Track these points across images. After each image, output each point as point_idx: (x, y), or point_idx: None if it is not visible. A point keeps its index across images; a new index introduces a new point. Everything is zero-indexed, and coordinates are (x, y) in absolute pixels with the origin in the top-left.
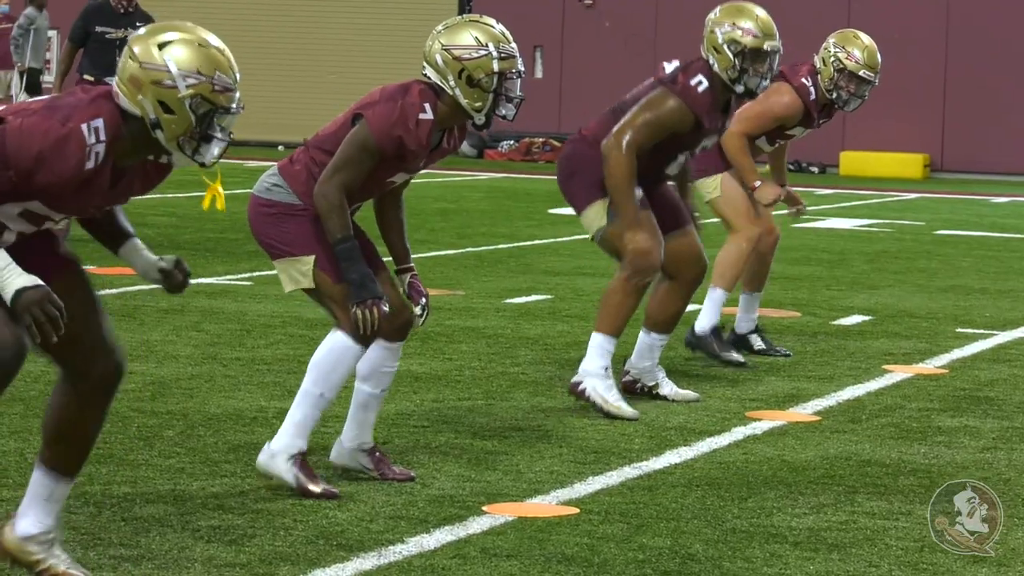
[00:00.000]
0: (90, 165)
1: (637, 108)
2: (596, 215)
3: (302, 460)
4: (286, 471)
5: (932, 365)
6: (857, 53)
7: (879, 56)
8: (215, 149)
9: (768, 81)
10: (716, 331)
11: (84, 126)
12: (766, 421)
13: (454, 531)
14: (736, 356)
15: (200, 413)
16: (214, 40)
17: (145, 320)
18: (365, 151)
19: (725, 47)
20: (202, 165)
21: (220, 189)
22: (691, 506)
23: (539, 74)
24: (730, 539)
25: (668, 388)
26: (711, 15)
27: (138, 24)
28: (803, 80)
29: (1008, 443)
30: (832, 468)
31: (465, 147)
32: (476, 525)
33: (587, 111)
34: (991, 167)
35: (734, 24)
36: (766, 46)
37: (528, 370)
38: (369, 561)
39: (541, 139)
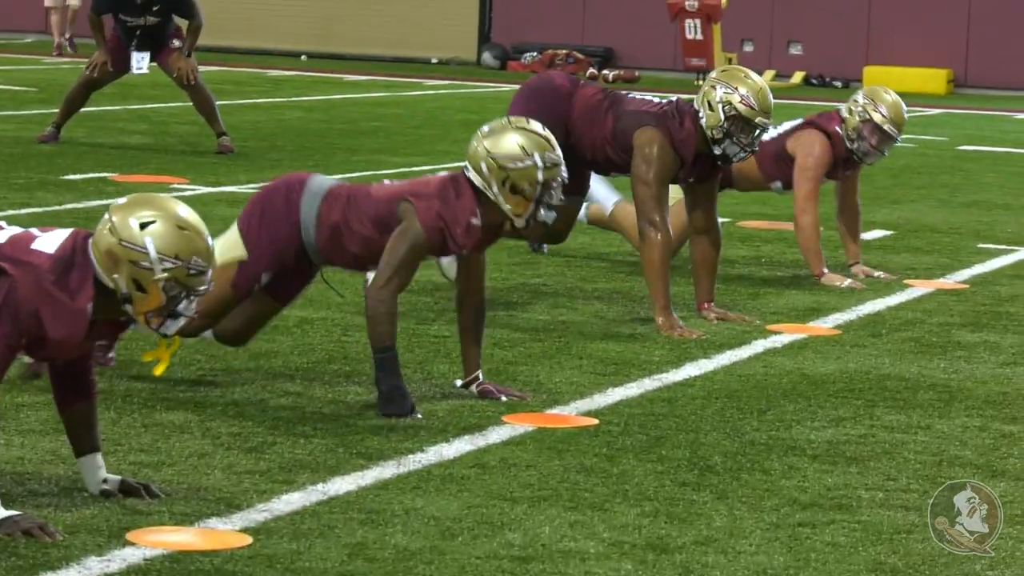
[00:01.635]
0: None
1: (639, 161)
2: None
3: None
4: None
5: (953, 280)
6: (884, 108)
7: (905, 114)
8: (180, 323)
9: (745, 155)
10: None
11: (89, 305)
12: (786, 334)
13: (473, 441)
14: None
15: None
16: (192, 219)
17: None
18: (418, 251)
19: (719, 106)
20: (164, 336)
21: (169, 356)
22: (710, 418)
23: None
24: (749, 451)
25: None
26: (715, 72)
27: (156, 9)
28: (836, 128)
29: None
30: (851, 382)
31: (488, 58)
32: (495, 435)
33: (610, 23)
34: (1015, 83)
35: (735, 88)
36: (758, 120)
37: (549, 281)
38: (388, 469)
39: (564, 51)
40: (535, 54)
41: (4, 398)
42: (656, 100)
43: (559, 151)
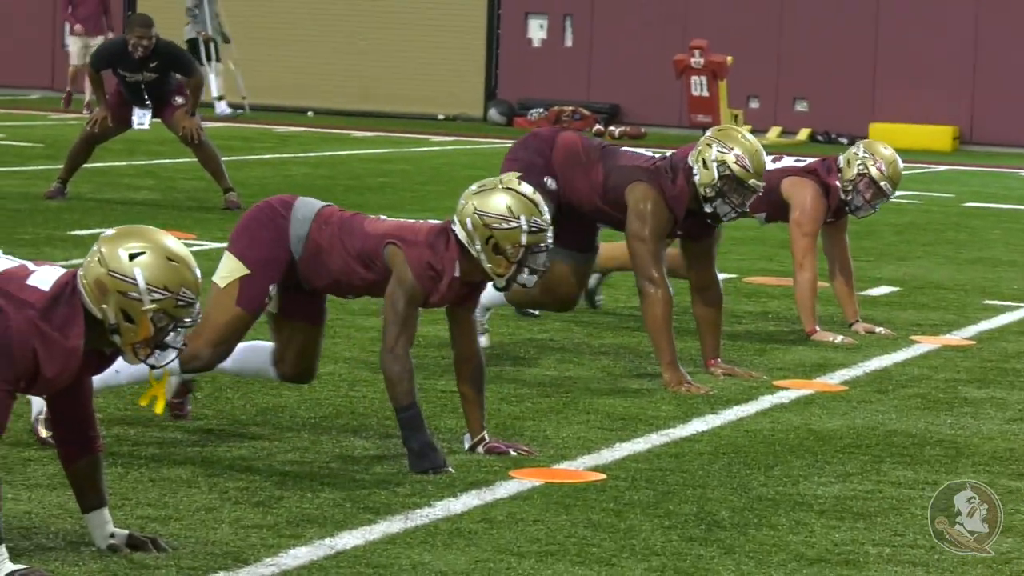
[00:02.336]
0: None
1: (634, 218)
2: None
3: None
4: None
5: (959, 336)
6: (883, 164)
7: (901, 171)
8: (169, 355)
9: (735, 215)
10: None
11: (80, 343)
12: (793, 390)
13: (481, 495)
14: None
15: (228, 375)
16: (181, 251)
17: None
18: (415, 301)
19: (714, 165)
20: (152, 367)
21: (163, 391)
22: (717, 473)
23: (569, 43)
24: (756, 507)
25: None
26: (712, 130)
27: (153, 66)
28: (836, 183)
29: None
30: (858, 437)
31: (494, 114)
32: (503, 490)
33: (616, 79)
34: (1021, 140)
35: (731, 148)
36: (751, 182)
37: (556, 336)
38: (396, 524)
39: (570, 107)
40: (541, 110)
41: (11, 453)
42: (649, 155)
43: (548, 216)
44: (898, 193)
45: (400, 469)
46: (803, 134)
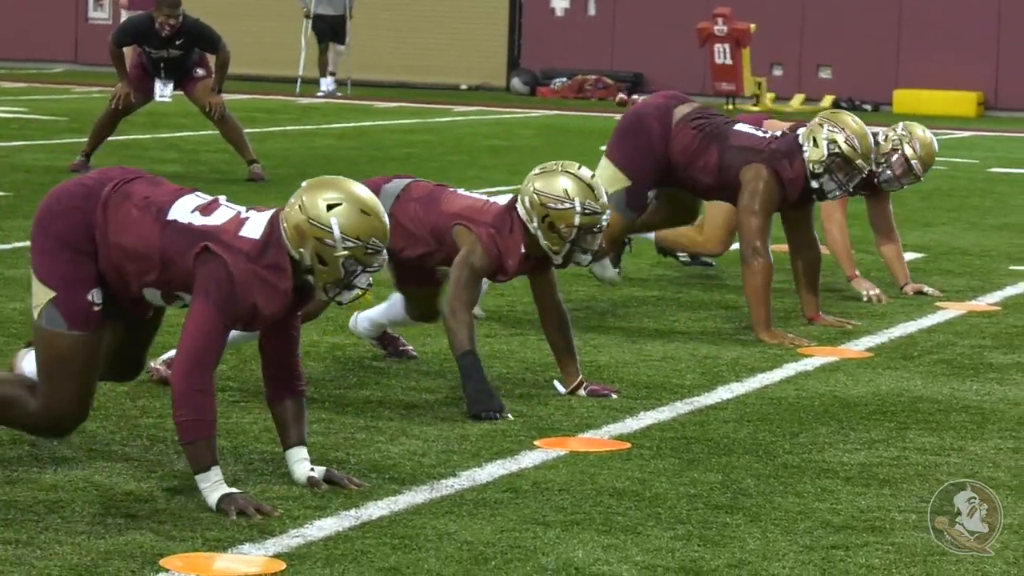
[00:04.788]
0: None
1: (748, 193)
2: None
3: None
4: None
5: (984, 302)
6: (918, 145)
7: (935, 156)
8: (354, 294)
9: (840, 193)
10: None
11: (290, 285)
12: (818, 357)
13: (506, 465)
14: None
15: (252, 346)
16: (374, 203)
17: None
18: (480, 273)
19: (824, 143)
20: (339, 304)
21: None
22: (743, 441)
23: (592, 11)
24: (781, 474)
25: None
26: (824, 112)
27: (179, 43)
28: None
29: None
30: (884, 404)
31: (517, 84)
32: (528, 459)
33: (639, 48)
34: None
35: (842, 129)
36: (858, 162)
37: (580, 306)
38: (421, 494)
39: (594, 76)
40: (564, 80)
41: None
42: (760, 134)
43: (604, 200)
44: None
45: (425, 440)
46: (827, 101)
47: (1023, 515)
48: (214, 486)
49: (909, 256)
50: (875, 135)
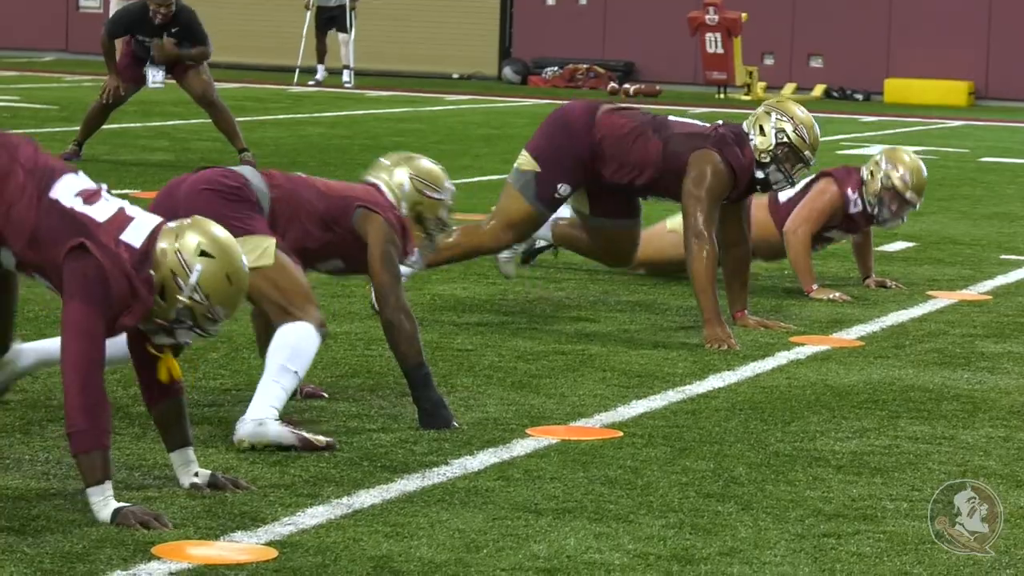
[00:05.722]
0: None
1: (694, 176)
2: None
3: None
4: (283, 432)
5: (976, 291)
6: (906, 174)
7: (925, 178)
8: (165, 341)
9: (785, 184)
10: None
11: (152, 299)
12: (810, 346)
13: (498, 453)
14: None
15: (245, 336)
16: (243, 276)
17: None
18: (397, 257)
19: (772, 132)
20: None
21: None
22: (734, 430)
23: (583, 0)
24: (773, 462)
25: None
26: (771, 100)
27: (174, 31)
28: (848, 192)
29: None
30: (875, 393)
31: (509, 73)
32: (520, 447)
33: (630, 37)
34: None
35: (790, 118)
36: (806, 153)
37: (572, 295)
38: (413, 483)
39: (585, 66)
40: (556, 69)
41: (28, 414)
42: (700, 124)
43: (450, 190)
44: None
45: (417, 428)
46: (818, 90)
47: (1014, 503)
48: (106, 500)
49: (900, 246)
50: (858, 170)
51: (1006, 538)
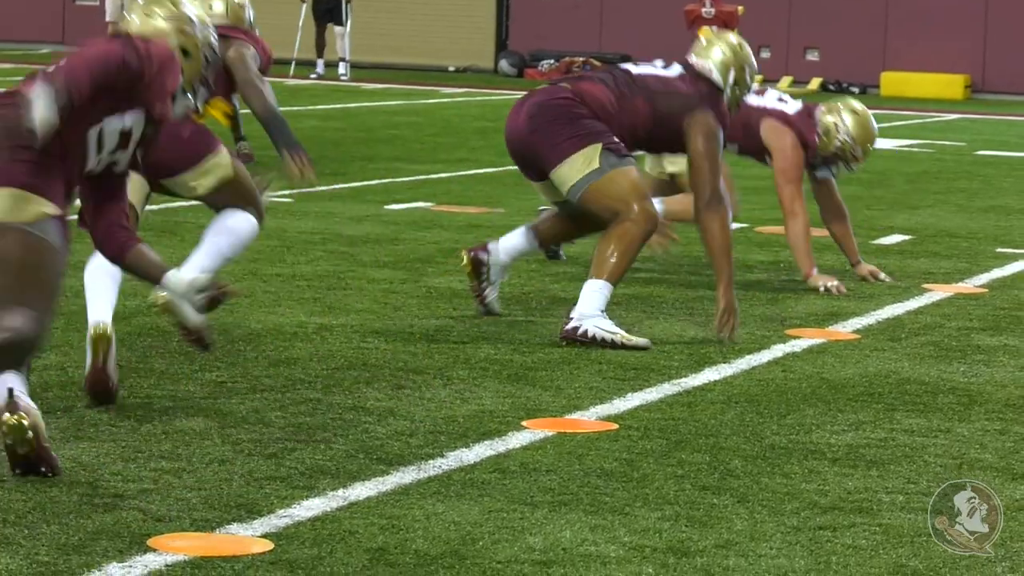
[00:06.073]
0: None
1: (704, 139)
2: (575, 169)
3: None
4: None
5: (972, 284)
6: (852, 125)
7: (875, 129)
8: (188, 102)
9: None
10: None
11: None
12: (806, 339)
13: (493, 446)
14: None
15: (241, 328)
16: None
17: (186, 236)
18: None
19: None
20: (198, 113)
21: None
22: (730, 422)
23: None
24: (769, 455)
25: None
26: (720, 44)
27: None
28: (815, 139)
29: None
30: (871, 386)
31: (505, 66)
32: (515, 440)
33: (627, 30)
34: None
35: (742, 64)
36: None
37: (567, 287)
38: (409, 475)
39: (581, 58)
40: (552, 61)
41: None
42: (663, 73)
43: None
44: (910, 142)
45: (412, 420)
46: (814, 84)
47: (1010, 496)
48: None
49: (896, 239)
50: (816, 113)
51: (1002, 531)
